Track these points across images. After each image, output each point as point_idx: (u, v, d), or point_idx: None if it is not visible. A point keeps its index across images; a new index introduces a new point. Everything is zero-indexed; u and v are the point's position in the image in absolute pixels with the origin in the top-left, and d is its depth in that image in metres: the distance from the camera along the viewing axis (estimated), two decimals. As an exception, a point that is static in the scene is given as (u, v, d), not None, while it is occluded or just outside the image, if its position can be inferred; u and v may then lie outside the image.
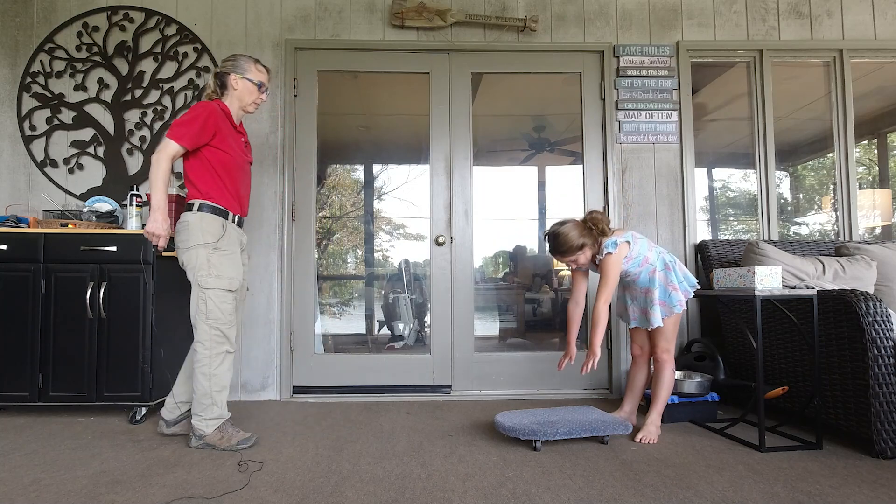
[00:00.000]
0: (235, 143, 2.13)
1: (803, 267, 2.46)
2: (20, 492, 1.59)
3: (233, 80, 2.13)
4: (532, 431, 1.97)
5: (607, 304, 2.07)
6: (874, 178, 3.59)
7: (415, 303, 3.23)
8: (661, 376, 2.21)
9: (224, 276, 2.03)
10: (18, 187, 2.93)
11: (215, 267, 2.01)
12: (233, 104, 2.15)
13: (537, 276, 3.32)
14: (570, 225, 2.10)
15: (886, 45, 3.14)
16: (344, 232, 3.33)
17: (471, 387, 3.02)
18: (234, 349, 2.12)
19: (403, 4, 3.00)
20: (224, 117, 2.09)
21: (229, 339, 2.08)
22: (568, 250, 2.09)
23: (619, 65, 3.09)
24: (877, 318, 1.88)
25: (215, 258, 2.02)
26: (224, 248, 2.05)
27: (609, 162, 3.07)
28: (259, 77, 2.17)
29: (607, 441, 2.07)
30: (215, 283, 2.01)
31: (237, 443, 2.01)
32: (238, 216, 2.16)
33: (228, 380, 2.10)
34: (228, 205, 2.10)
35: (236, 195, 2.14)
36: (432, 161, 3.09)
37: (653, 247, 2.20)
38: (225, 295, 2.04)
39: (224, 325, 2.04)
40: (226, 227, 2.07)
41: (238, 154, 2.13)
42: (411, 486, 1.63)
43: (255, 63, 2.18)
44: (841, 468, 1.79)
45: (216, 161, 2.06)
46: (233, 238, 2.10)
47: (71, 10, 2.98)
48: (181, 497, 1.55)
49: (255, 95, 2.18)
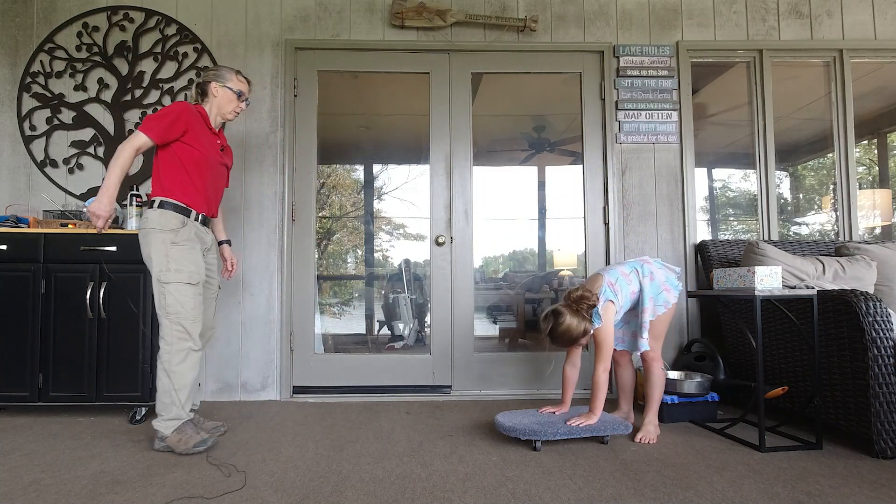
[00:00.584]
0: (209, 144, 2.14)
1: (803, 267, 2.46)
2: (20, 492, 1.59)
3: (213, 88, 2.18)
4: (532, 431, 1.97)
5: (607, 371, 2.08)
6: (874, 178, 3.59)
7: (415, 303, 3.23)
8: (652, 375, 2.21)
9: (184, 270, 2.01)
10: (18, 187, 2.93)
11: (174, 260, 1.99)
12: (212, 110, 2.20)
13: (537, 277, 3.32)
14: (566, 318, 2.05)
15: (886, 45, 3.14)
16: (344, 232, 3.33)
17: (471, 387, 3.02)
18: (199, 347, 2.06)
19: (403, 4, 3.00)
20: (199, 118, 2.11)
21: (192, 336, 2.02)
22: (574, 341, 2.09)
23: (619, 65, 3.09)
24: (877, 318, 1.88)
25: (174, 252, 2.00)
26: (183, 243, 2.03)
27: (609, 162, 3.07)
28: (239, 86, 2.22)
29: (607, 441, 2.07)
30: (174, 277, 1.99)
31: (194, 445, 1.95)
32: (202, 215, 2.14)
33: (191, 379, 2.03)
34: (192, 202, 2.09)
35: (203, 193, 2.13)
36: (432, 161, 3.09)
37: (629, 276, 2.18)
38: (185, 288, 2.00)
39: (185, 319, 2.00)
40: (186, 224, 2.05)
41: (210, 153, 2.13)
42: (411, 486, 1.63)
43: (236, 73, 2.23)
44: (841, 468, 1.79)
45: (186, 157, 2.06)
46: (193, 234, 2.08)
47: (71, 10, 2.98)
48: (181, 497, 1.55)
49: (234, 104, 2.22)
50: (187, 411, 2.03)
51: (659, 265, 2.23)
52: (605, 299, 2.10)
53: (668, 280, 2.20)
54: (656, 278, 2.18)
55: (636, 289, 2.17)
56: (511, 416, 2.13)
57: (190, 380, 2.03)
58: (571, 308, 2.07)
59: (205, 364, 2.89)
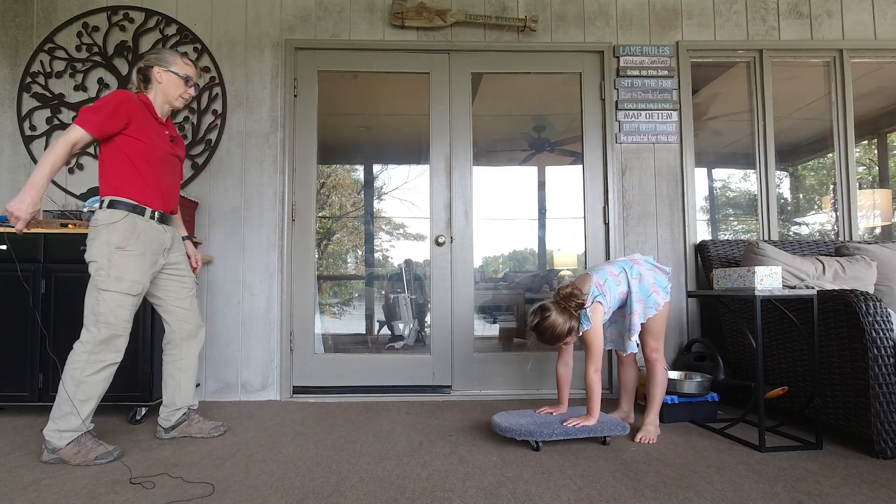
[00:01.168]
0: (156, 134, 2.00)
1: (803, 267, 2.46)
2: (20, 492, 1.59)
3: (156, 74, 2.02)
4: (529, 432, 1.97)
5: (598, 372, 2.07)
6: (874, 178, 3.59)
7: (415, 303, 3.23)
8: (654, 375, 2.20)
9: (125, 279, 1.88)
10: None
11: (116, 267, 1.87)
12: (157, 98, 2.05)
13: (537, 276, 3.32)
14: (552, 314, 2.03)
15: (886, 45, 3.14)
16: (344, 232, 3.33)
17: (471, 387, 3.02)
18: (119, 360, 1.94)
19: (403, 4, 3.00)
20: (142, 107, 1.97)
21: (118, 348, 1.91)
22: (558, 339, 2.06)
23: (619, 65, 3.09)
24: (877, 318, 1.88)
25: (118, 258, 1.87)
26: (130, 249, 1.90)
27: (609, 162, 3.07)
28: (185, 70, 2.07)
29: (608, 442, 2.07)
30: (114, 286, 1.86)
31: (95, 458, 1.83)
32: (159, 212, 2.01)
33: (99, 392, 1.91)
34: (145, 198, 1.95)
35: (157, 188, 1.99)
36: (432, 161, 3.09)
37: (618, 276, 2.16)
38: (123, 298, 1.88)
39: (117, 329, 1.89)
40: (137, 227, 1.92)
41: (158, 145, 1.99)
42: (411, 486, 1.63)
43: (180, 56, 2.08)
44: (841, 468, 1.79)
45: (132, 151, 1.92)
46: (145, 239, 1.95)
47: (71, 10, 2.98)
48: (181, 497, 1.55)
49: (181, 89, 2.07)
50: (88, 424, 1.90)
51: (648, 266, 2.21)
52: (592, 299, 2.09)
53: (658, 282, 2.18)
54: (645, 280, 2.16)
55: (625, 289, 2.16)
56: (508, 417, 2.13)
57: (99, 392, 1.90)
58: (559, 305, 2.05)
59: (204, 364, 2.89)
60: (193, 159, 2.95)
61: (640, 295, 2.14)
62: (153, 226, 1.99)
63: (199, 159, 2.96)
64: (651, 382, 2.21)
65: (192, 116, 2.97)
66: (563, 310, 2.05)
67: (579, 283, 2.16)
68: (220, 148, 2.98)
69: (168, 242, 2.07)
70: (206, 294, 2.92)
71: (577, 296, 2.05)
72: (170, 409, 2.16)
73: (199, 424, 2.18)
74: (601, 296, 2.10)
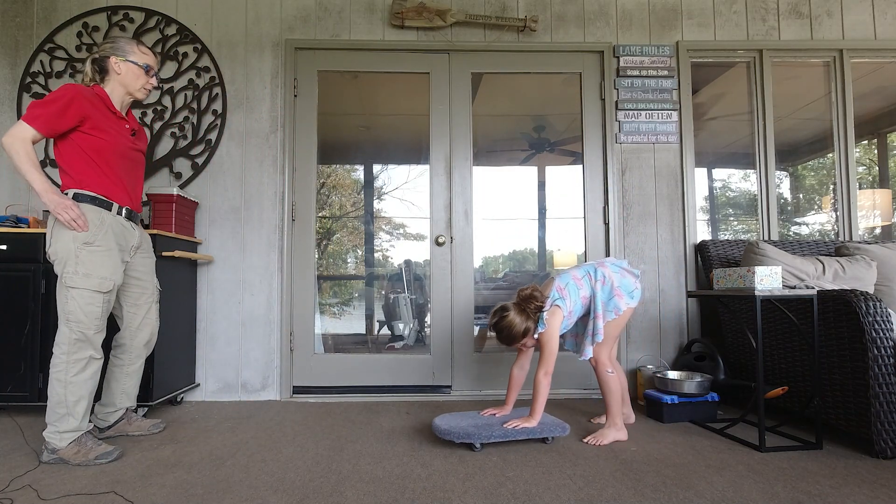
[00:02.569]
0: (115, 129, 1.91)
1: (803, 267, 2.46)
2: (20, 492, 1.59)
3: (114, 64, 1.92)
4: (468, 434, 1.96)
5: (548, 376, 2.05)
6: (874, 178, 3.59)
7: (415, 303, 3.23)
8: (601, 382, 2.14)
9: (94, 275, 1.82)
10: (18, 187, 2.93)
11: (84, 264, 1.81)
12: (115, 90, 1.95)
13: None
14: (510, 314, 2.04)
15: (886, 45, 3.14)
16: (344, 232, 3.33)
17: (471, 387, 3.02)
18: (101, 356, 1.91)
19: (403, 4, 3.00)
20: (97, 101, 1.88)
21: (94, 345, 1.87)
22: (514, 338, 2.06)
23: (619, 65, 3.09)
24: (877, 318, 1.88)
25: (85, 254, 1.81)
26: (98, 244, 1.84)
27: (609, 162, 3.07)
28: (144, 59, 1.96)
29: (549, 441, 2.06)
30: (82, 283, 1.81)
31: (95, 457, 1.83)
32: (126, 208, 1.94)
33: (89, 390, 1.88)
34: (111, 194, 1.89)
35: (121, 183, 1.93)
36: (432, 161, 3.09)
37: (581, 280, 2.13)
38: (93, 296, 1.83)
39: (88, 329, 1.84)
40: (105, 221, 1.86)
41: (118, 140, 1.91)
42: (411, 486, 1.63)
43: (137, 45, 1.97)
44: (841, 468, 1.79)
45: (89, 147, 1.85)
46: (113, 234, 1.89)
47: (71, 10, 2.98)
48: (181, 497, 1.55)
49: (143, 79, 1.97)
50: (86, 423, 1.90)
51: (616, 268, 2.16)
52: (551, 303, 2.07)
53: (623, 285, 2.12)
54: (608, 283, 2.11)
55: (587, 294, 2.12)
56: (449, 419, 2.11)
57: (88, 391, 1.88)
58: (519, 306, 2.06)
59: (204, 364, 2.89)
60: (193, 159, 2.95)
61: (603, 298, 2.11)
62: (121, 221, 1.92)
63: (199, 159, 2.96)
64: (601, 388, 2.15)
65: (192, 116, 2.97)
66: (521, 311, 2.05)
67: (543, 287, 2.15)
68: (220, 148, 2.98)
69: (136, 241, 2.01)
70: (206, 294, 2.92)
71: (536, 298, 2.05)
72: (108, 410, 2.13)
73: (137, 423, 2.18)
74: (561, 300, 2.08)
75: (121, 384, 2.13)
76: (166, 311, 2.54)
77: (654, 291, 3.03)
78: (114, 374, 2.13)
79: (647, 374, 2.74)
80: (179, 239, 2.66)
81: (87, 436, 1.88)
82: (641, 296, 2.10)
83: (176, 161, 2.96)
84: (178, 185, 2.90)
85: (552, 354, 2.07)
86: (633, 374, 2.97)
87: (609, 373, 2.12)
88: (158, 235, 2.45)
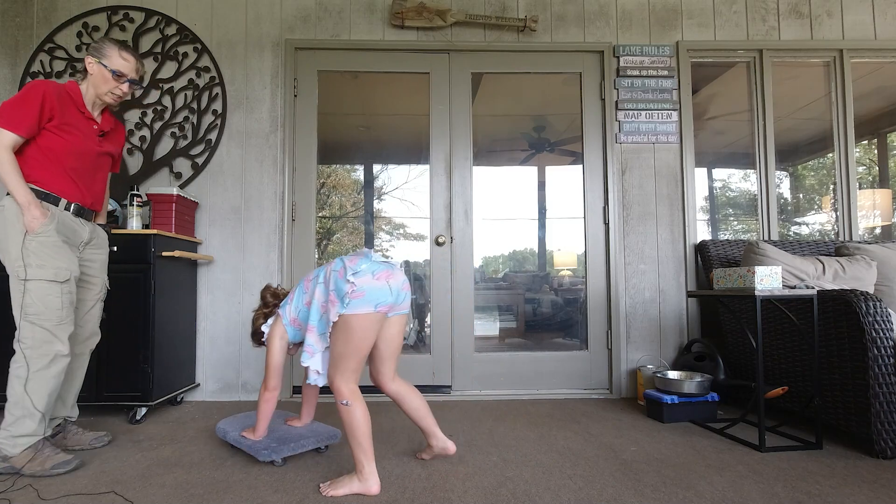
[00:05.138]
0: (80, 130, 1.87)
1: (803, 267, 2.47)
2: (20, 492, 1.59)
3: (88, 63, 1.89)
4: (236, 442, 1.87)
5: (268, 391, 1.78)
6: (874, 178, 3.59)
7: (415, 303, 3.23)
8: (341, 415, 1.56)
9: (47, 266, 1.75)
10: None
11: (35, 255, 1.74)
12: (88, 90, 1.91)
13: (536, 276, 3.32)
14: (257, 310, 1.89)
15: (886, 45, 3.14)
16: (344, 232, 3.33)
17: (471, 387, 3.02)
18: (68, 352, 1.79)
19: (403, 4, 3.00)
20: (66, 99, 1.84)
21: (59, 339, 1.77)
22: (252, 336, 1.91)
23: (619, 65, 3.09)
24: (877, 318, 1.88)
25: (35, 245, 1.74)
26: (48, 236, 1.77)
27: (609, 162, 3.07)
28: (118, 65, 1.90)
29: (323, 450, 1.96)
30: (36, 273, 1.73)
31: (52, 467, 1.70)
32: (76, 204, 1.88)
33: (50, 390, 1.75)
34: (62, 190, 1.84)
35: (75, 181, 1.87)
36: (432, 161, 3.09)
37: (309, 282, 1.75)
38: (49, 286, 1.75)
39: (49, 321, 1.75)
40: (55, 215, 1.80)
41: (81, 141, 1.86)
42: (411, 486, 1.63)
43: (120, 50, 1.91)
44: (841, 468, 1.79)
45: (45, 144, 1.80)
46: (62, 227, 1.83)
47: (71, 10, 2.98)
48: (181, 497, 1.55)
49: (111, 85, 1.91)
50: (44, 428, 1.76)
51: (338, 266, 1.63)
52: (272, 320, 1.83)
53: (337, 289, 1.58)
54: (329, 285, 1.63)
55: (310, 300, 1.72)
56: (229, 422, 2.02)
57: (51, 388, 1.76)
58: (261, 304, 1.91)
59: (205, 364, 2.89)
60: (193, 159, 2.95)
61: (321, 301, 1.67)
62: (69, 216, 1.86)
63: (199, 159, 2.96)
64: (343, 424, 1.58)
65: (192, 116, 2.97)
66: (261, 309, 1.90)
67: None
68: (220, 148, 2.98)
69: (85, 237, 1.94)
70: (206, 294, 2.92)
71: (266, 300, 1.89)
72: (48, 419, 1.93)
73: (76, 436, 2.00)
74: (283, 306, 1.82)
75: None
76: (167, 310, 2.54)
77: (654, 291, 3.03)
78: None
79: (647, 374, 2.74)
80: (179, 239, 2.66)
81: (45, 443, 1.76)
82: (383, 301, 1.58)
83: (176, 161, 2.96)
84: (178, 185, 2.90)
85: (272, 369, 1.77)
86: (633, 374, 2.97)
87: (343, 404, 1.55)
88: (158, 235, 2.46)
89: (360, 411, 1.56)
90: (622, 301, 3.03)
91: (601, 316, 3.07)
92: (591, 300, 3.07)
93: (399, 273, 1.67)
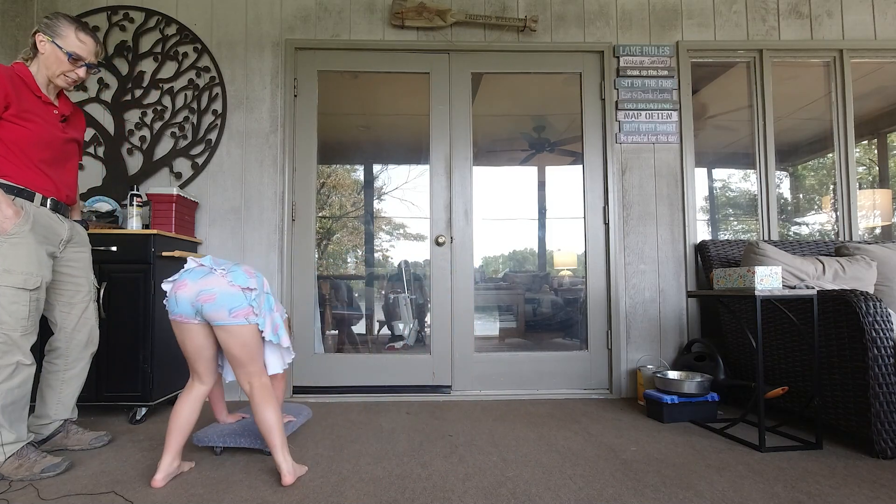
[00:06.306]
0: (41, 116, 1.74)
1: (803, 267, 2.47)
2: (20, 492, 1.59)
3: (39, 41, 1.73)
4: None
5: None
6: (874, 178, 3.59)
7: (415, 303, 3.23)
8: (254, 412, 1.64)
9: (15, 271, 1.64)
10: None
11: (4, 258, 1.63)
12: (40, 71, 1.76)
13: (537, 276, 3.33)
14: None
15: (886, 45, 3.14)
16: (344, 232, 3.33)
17: (471, 387, 3.02)
18: (32, 361, 1.72)
19: (403, 4, 3.00)
20: (20, 84, 1.70)
21: (21, 349, 1.68)
22: None
23: (619, 65, 3.09)
24: (877, 318, 1.88)
25: (6, 247, 1.64)
26: (20, 237, 1.66)
27: (609, 162, 3.07)
28: (75, 47, 1.75)
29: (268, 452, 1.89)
30: (4, 280, 1.63)
31: (41, 471, 1.68)
32: (52, 199, 1.78)
33: (19, 396, 1.69)
34: (35, 184, 1.73)
35: (46, 173, 1.76)
36: (432, 161, 3.09)
37: None
38: (16, 294, 1.65)
39: (14, 331, 1.65)
40: (30, 214, 1.70)
41: (44, 128, 1.74)
42: (411, 486, 1.63)
43: (77, 30, 1.76)
44: (841, 468, 1.79)
45: (8, 136, 1.68)
46: (37, 227, 1.72)
47: (71, 10, 2.98)
48: (181, 497, 1.55)
49: (64, 66, 1.75)
50: (25, 433, 1.74)
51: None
52: None
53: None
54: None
55: None
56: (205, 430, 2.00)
57: (14, 399, 1.68)
58: None
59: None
60: (193, 159, 2.95)
61: None
62: (46, 213, 1.76)
63: (199, 159, 2.96)
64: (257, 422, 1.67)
65: (192, 116, 2.97)
66: None
67: None
68: (220, 148, 2.98)
69: (64, 235, 1.84)
70: (206, 294, 2.92)
71: None
72: (42, 422, 1.93)
73: (77, 436, 1.98)
74: None
75: (56, 393, 1.94)
76: (166, 311, 2.54)
77: (654, 291, 3.03)
78: (48, 382, 1.94)
79: (647, 374, 2.74)
80: (180, 239, 2.67)
81: (29, 447, 1.73)
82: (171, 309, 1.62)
83: (176, 161, 2.96)
84: (178, 185, 2.90)
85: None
86: (633, 374, 2.97)
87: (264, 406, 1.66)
88: (158, 235, 2.46)
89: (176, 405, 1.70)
90: (622, 301, 3.03)
91: (601, 316, 3.07)
92: (591, 300, 3.07)
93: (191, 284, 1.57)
